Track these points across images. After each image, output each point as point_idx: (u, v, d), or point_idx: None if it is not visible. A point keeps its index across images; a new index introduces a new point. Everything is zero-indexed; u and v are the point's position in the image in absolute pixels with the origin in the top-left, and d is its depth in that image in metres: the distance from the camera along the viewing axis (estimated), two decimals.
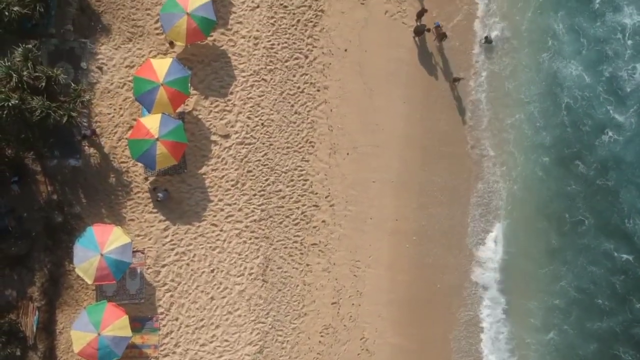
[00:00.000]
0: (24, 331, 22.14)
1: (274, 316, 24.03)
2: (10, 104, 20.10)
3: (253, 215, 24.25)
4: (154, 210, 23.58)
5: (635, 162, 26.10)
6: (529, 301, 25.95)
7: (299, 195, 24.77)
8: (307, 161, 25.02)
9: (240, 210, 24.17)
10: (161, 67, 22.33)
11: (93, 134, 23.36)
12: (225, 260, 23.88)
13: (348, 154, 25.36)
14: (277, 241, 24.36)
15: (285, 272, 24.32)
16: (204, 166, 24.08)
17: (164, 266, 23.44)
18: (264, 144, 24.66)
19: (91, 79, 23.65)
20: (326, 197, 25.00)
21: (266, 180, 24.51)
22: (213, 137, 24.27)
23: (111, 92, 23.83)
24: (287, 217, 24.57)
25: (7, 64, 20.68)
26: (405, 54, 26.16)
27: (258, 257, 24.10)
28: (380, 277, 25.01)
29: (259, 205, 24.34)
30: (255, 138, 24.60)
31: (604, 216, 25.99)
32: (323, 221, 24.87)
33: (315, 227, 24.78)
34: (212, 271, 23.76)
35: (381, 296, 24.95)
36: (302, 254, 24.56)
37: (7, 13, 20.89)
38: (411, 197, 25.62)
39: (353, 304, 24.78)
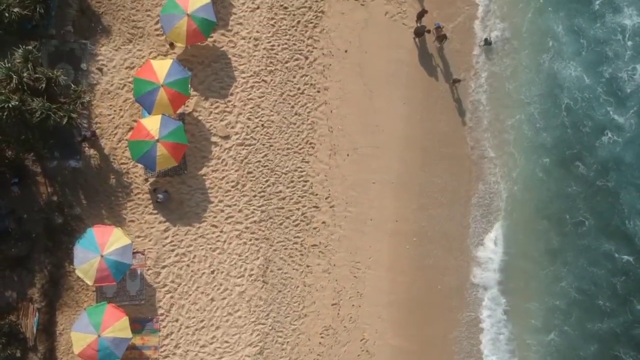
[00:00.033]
0: (24, 332, 22.12)
1: (274, 317, 24.01)
2: (10, 106, 20.09)
3: (253, 216, 24.24)
4: (154, 211, 23.57)
5: (635, 163, 26.10)
6: (530, 302, 25.91)
7: (299, 196, 24.76)
8: (307, 162, 25.01)
9: (240, 211, 24.16)
10: (161, 68, 22.32)
11: (93, 135, 23.34)
12: (225, 261, 23.86)
13: (348, 155, 25.35)
14: (278, 242, 24.35)
15: (285, 274, 24.30)
16: (204, 167, 24.08)
17: (164, 267, 23.42)
18: (264, 145, 24.66)
19: (91, 80, 23.66)
20: (326, 199, 24.99)
21: (266, 181, 24.51)
22: (213, 139, 24.27)
23: (111, 94, 23.83)
24: (287, 219, 24.55)
25: (7, 66, 20.67)
26: (405, 55, 26.17)
27: (258, 259, 24.08)
28: (380, 279, 24.98)
29: (259, 206, 24.33)
30: (255, 139, 24.60)
31: (605, 217, 25.98)
32: (323, 222, 24.86)
33: (315, 229, 24.76)
34: (213, 272, 23.74)
35: (381, 297, 24.92)
36: (302, 255, 24.54)
37: (7, 14, 20.90)
38: (411, 198, 25.60)
39: (353, 305, 24.75)
